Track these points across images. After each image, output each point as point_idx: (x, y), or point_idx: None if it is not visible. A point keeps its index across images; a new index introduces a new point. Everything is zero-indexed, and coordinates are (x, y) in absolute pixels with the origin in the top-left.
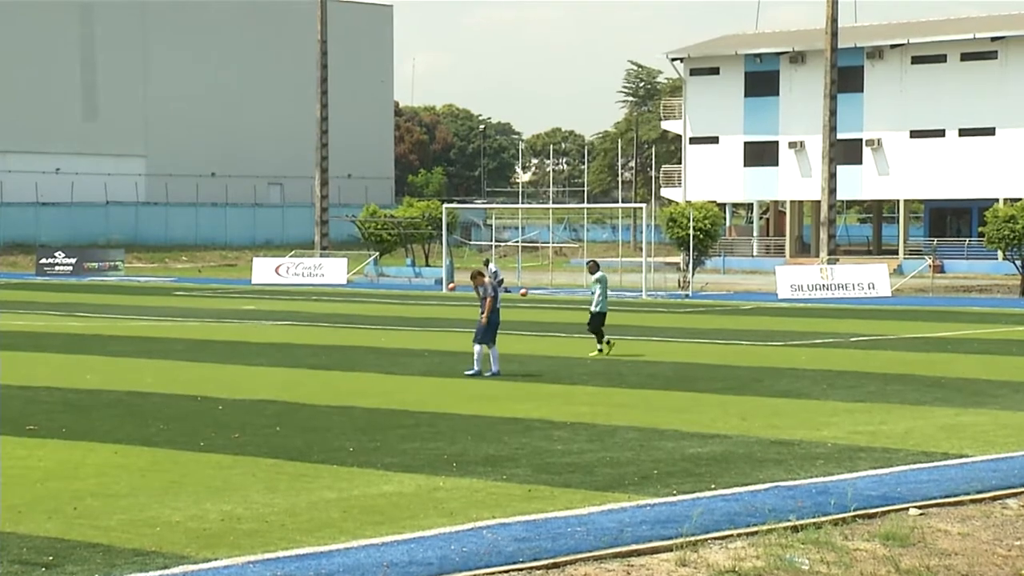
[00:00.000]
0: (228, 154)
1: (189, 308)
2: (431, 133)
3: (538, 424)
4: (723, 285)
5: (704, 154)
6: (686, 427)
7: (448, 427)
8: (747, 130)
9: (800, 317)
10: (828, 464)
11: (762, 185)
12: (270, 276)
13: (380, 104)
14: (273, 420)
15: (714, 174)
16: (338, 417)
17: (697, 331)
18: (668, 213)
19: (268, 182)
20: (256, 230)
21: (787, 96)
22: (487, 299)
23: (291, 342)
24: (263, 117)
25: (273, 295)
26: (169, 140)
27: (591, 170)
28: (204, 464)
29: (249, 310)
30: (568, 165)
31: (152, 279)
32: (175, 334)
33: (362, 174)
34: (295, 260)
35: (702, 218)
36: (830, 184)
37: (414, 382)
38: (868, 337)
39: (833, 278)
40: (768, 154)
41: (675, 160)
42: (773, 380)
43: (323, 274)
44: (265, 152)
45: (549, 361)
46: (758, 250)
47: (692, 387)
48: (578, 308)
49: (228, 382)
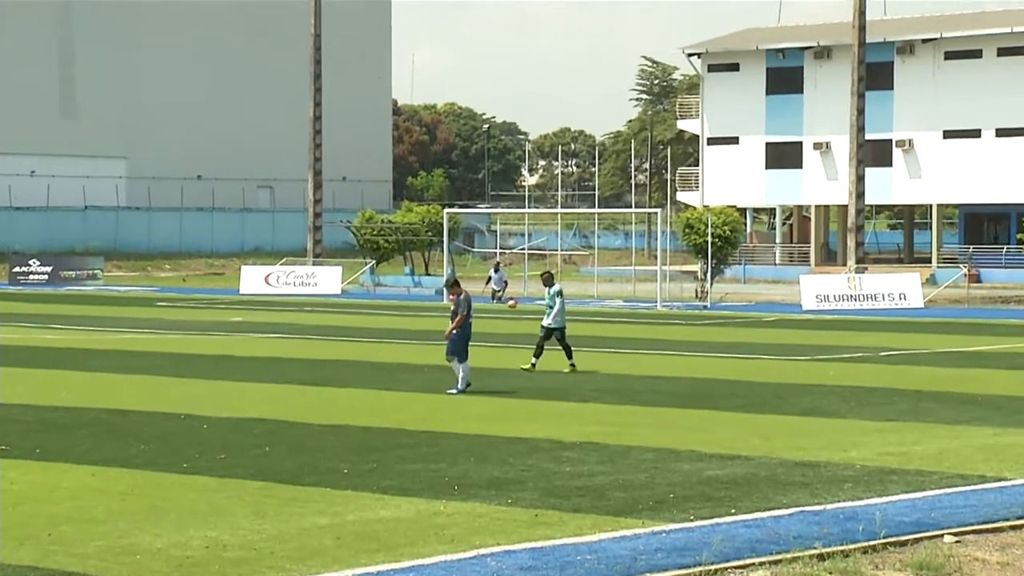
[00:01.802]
0: (215, 156)
1: (173, 320)
2: (432, 133)
3: (545, 444)
4: (743, 295)
5: (723, 156)
6: (704, 447)
7: (449, 447)
8: (769, 130)
9: (826, 330)
10: (857, 487)
11: (785, 189)
12: (259, 286)
13: (377, 102)
14: (262, 440)
15: (734, 177)
16: (331, 437)
17: (716, 345)
18: (684, 219)
19: (257, 185)
20: (245, 237)
21: (812, 94)
22: (459, 314)
23: (282, 356)
24: (253, 116)
25: (263, 306)
26: (152, 141)
27: (602, 173)
28: (188, 487)
29: (237, 322)
30: (578, 167)
31: (133, 289)
32: (157, 348)
33: (358, 177)
34: (286, 269)
35: (721, 224)
36: (858, 188)
37: (413, 399)
38: (899, 351)
39: (861, 288)
40: (791, 156)
41: (692, 162)
42: (797, 397)
43: (316, 284)
44: (254, 153)
45: (557, 377)
46: (781, 258)
47: (711, 405)
48: (589, 320)
49: (214, 399)
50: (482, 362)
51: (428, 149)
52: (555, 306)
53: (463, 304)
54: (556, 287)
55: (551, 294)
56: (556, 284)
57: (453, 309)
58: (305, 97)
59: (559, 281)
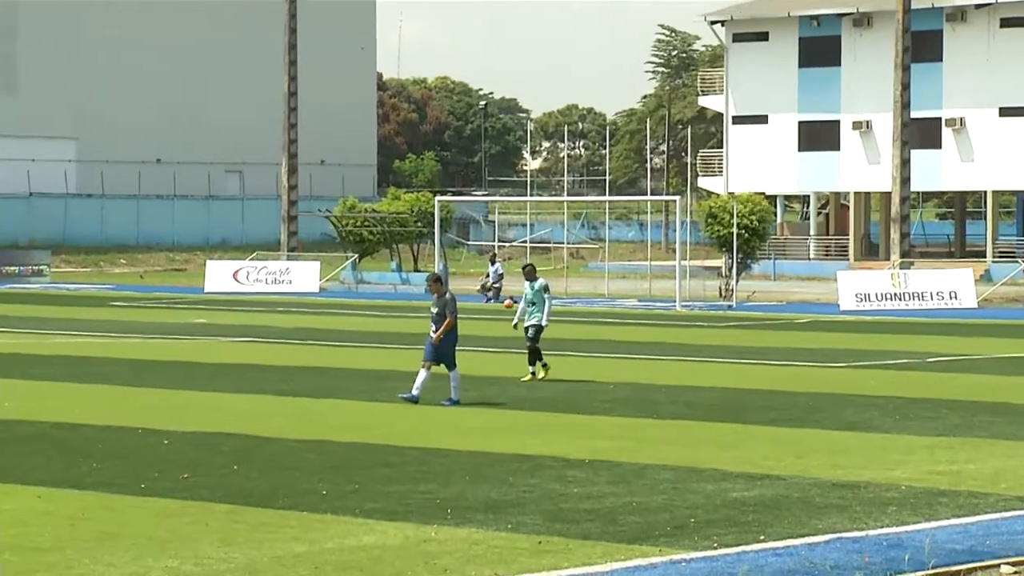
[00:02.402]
0: (176, 136)
1: (129, 322)
2: (421, 111)
3: (550, 462)
4: (774, 294)
5: (750, 136)
6: (730, 466)
7: (442, 466)
8: (802, 107)
9: (867, 333)
10: (902, 511)
11: (820, 174)
12: (227, 283)
13: (360, 76)
14: (230, 458)
15: (762, 160)
16: (309, 454)
17: (742, 350)
18: (707, 208)
19: (225, 169)
20: (210, 227)
21: (850, 66)
22: (448, 317)
23: (252, 363)
24: (219, 91)
25: (231, 306)
26: (105, 120)
27: (614, 156)
28: (146, 511)
29: (201, 324)
30: (586, 149)
31: (84, 287)
32: (112, 354)
33: (338, 160)
34: (257, 264)
35: (748, 213)
36: (903, 172)
37: (401, 411)
38: (950, 357)
39: (907, 286)
40: (827, 136)
41: (715, 144)
42: (835, 409)
43: (291, 281)
44: (221, 134)
45: (563, 386)
46: (816, 252)
47: (737, 418)
48: (599, 322)
49: (176, 412)
50: (478, 370)
51: (417, 129)
52: (544, 303)
53: (451, 305)
54: (541, 281)
55: (536, 289)
56: (540, 278)
57: (437, 311)
58: (278, 70)
59: (566, 277)
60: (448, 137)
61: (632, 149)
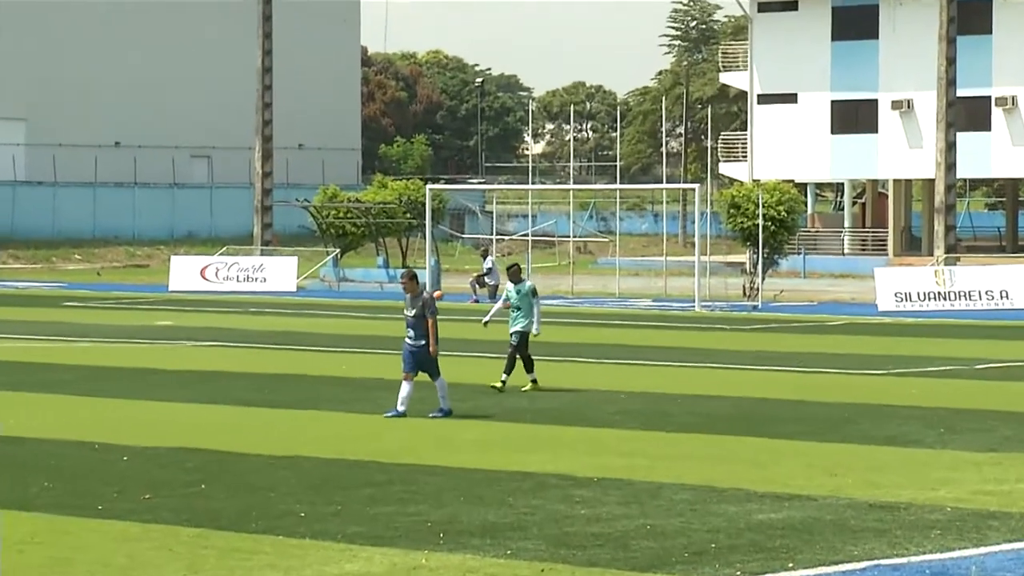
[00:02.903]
0: (137, 117)
1: (84, 324)
2: (410, 89)
3: (554, 480)
4: (804, 293)
5: (778, 117)
6: (755, 485)
7: (433, 485)
8: (835, 85)
9: (908, 336)
10: (947, 535)
11: (856, 159)
12: (194, 281)
13: (343, 51)
14: (197, 476)
15: (791, 144)
16: (285, 471)
17: (769, 355)
18: (729, 196)
19: (191, 154)
20: (175, 219)
21: (889, 39)
22: (429, 319)
23: (222, 370)
24: (185, 68)
25: (198, 306)
26: (58, 99)
27: (625, 139)
28: (103, 535)
29: (165, 327)
30: (594, 132)
31: (34, 285)
32: (64, 359)
33: (318, 144)
34: (228, 259)
35: (775, 203)
36: (948, 158)
37: (387, 424)
38: (1001, 363)
39: (952, 284)
40: (864, 117)
41: (738, 126)
42: (872, 422)
43: (265, 278)
44: (187, 114)
45: (569, 396)
46: (851, 246)
47: (762, 431)
48: (609, 324)
49: (136, 424)
50: (472, 377)
51: (406, 109)
52: (534, 309)
53: (430, 305)
54: (529, 284)
55: (523, 292)
56: (527, 280)
57: (414, 313)
58: (251, 44)
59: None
60: (440, 118)
61: (645, 132)
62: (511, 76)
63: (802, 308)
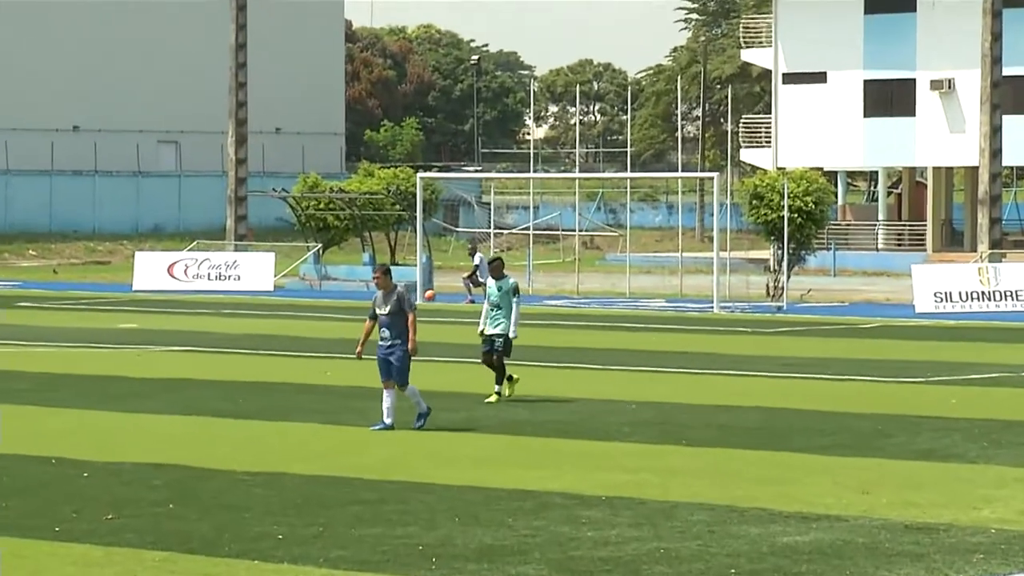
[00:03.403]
0: (97, 99)
1: (40, 327)
2: (400, 68)
3: (559, 499)
4: (834, 293)
5: (805, 99)
6: (778, 504)
7: (425, 504)
8: (869, 63)
9: (948, 340)
10: (991, 560)
11: (891, 144)
12: (161, 279)
13: (325, 26)
14: (165, 494)
15: (820, 128)
16: (262, 489)
17: (794, 361)
18: (751, 186)
19: (158, 139)
20: (140, 211)
21: (928, 13)
22: (408, 313)
23: (192, 377)
24: (151, 44)
25: (165, 307)
26: (9, 78)
27: (637, 123)
28: (62, 559)
29: (129, 330)
30: (603, 115)
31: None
32: (18, 365)
33: (298, 128)
34: (198, 255)
35: (802, 193)
36: (992, 143)
37: (373, 437)
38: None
39: (998, 283)
40: (901, 99)
41: (762, 108)
42: (908, 434)
43: (240, 276)
44: (153, 96)
45: (574, 406)
46: (885, 241)
47: (787, 444)
48: (617, 327)
49: (98, 438)
50: (468, 386)
51: (395, 90)
52: (513, 309)
53: (408, 301)
54: (511, 281)
55: (503, 291)
56: (510, 277)
57: (389, 310)
58: (224, 18)
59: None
60: (433, 100)
61: (659, 115)
62: (511, 53)
63: (831, 309)
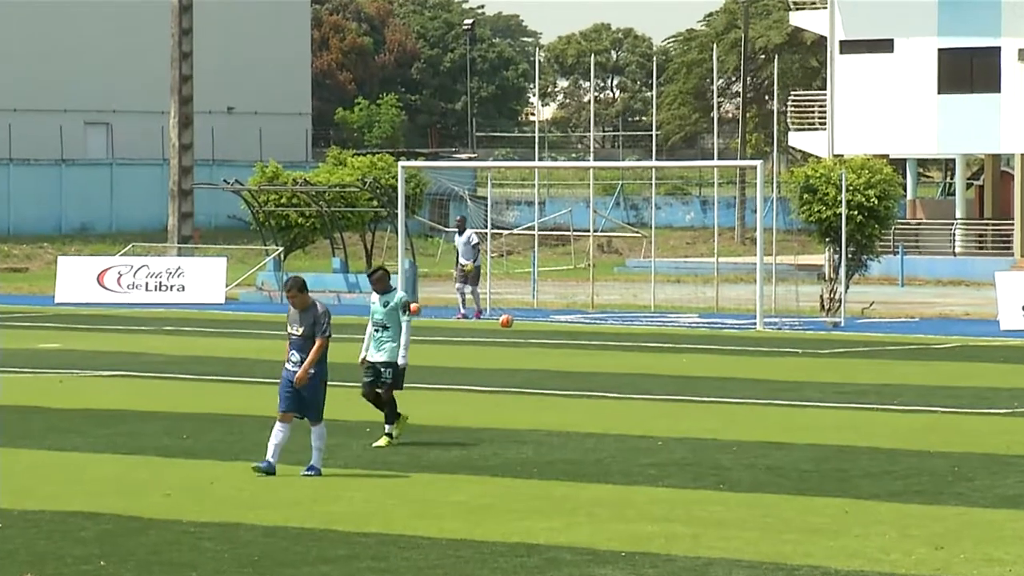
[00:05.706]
0: (12, 74)
1: None
2: (377, 34)
3: (568, 555)
4: (901, 306)
5: (867, 72)
6: (834, 561)
7: (408, 562)
8: (943, 30)
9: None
10: None
11: (971, 127)
12: (89, 290)
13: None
14: (95, 549)
15: (885, 108)
16: (211, 543)
17: (854, 389)
18: (802, 177)
19: (85, 121)
20: (64, 207)
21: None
22: (319, 339)
23: (128, 408)
24: (78, 7)
25: (95, 324)
26: None
27: (665, 102)
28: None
29: (52, 351)
30: (623, 92)
31: None
32: None
33: (255, 107)
34: (134, 261)
35: (863, 186)
36: None
37: (346, 481)
38: None
39: None
40: (982, 72)
41: (815, 84)
42: (990, 477)
43: (184, 286)
44: (80, 70)
45: (589, 443)
46: (964, 244)
47: (845, 490)
48: (639, 347)
49: (13, 482)
50: (458, 419)
51: (371, 61)
52: (402, 329)
53: (323, 322)
54: (400, 295)
55: (391, 306)
56: (399, 290)
57: (303, 331)
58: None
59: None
60: (417, 72)
61: (690, 91)
62: (511, 17)
63: (899, 326)
